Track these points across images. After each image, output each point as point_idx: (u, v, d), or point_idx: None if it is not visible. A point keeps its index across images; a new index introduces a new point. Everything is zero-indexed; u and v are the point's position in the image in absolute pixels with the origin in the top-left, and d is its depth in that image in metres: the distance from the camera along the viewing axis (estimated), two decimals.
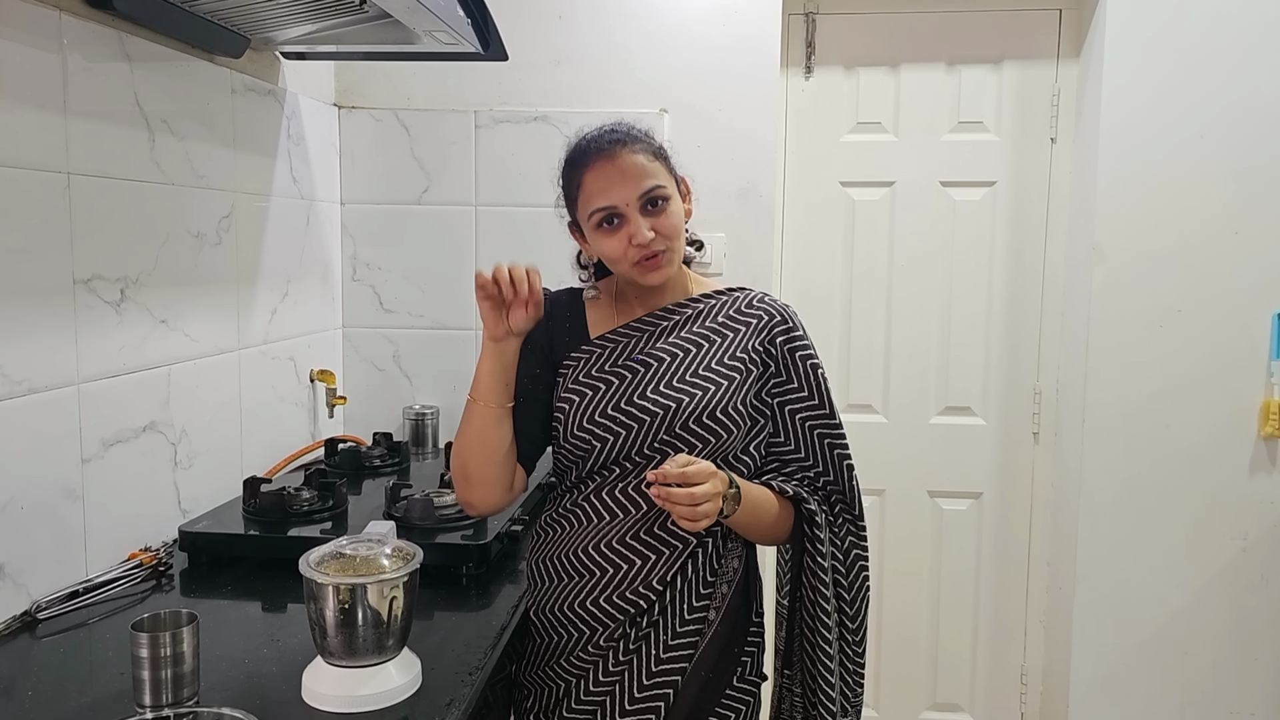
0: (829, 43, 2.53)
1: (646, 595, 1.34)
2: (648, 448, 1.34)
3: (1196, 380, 2.34)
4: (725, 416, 1.34)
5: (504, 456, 1.39)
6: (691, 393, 1.35)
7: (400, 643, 1.17)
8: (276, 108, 2.08)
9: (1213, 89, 2.26)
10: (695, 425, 1.34)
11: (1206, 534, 2.38)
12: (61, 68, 1.42)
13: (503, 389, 1.36)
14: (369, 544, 1.19)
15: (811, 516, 1.37)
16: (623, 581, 1.34)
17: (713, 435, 1.34)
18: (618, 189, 1.32)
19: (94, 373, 1.51)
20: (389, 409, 2.46)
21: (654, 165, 1.34)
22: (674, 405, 1.34)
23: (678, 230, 1.35)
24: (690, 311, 1.42)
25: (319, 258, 2.32)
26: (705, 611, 1.35)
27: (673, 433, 1.34)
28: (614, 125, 1.39)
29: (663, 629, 1.35)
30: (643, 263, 1.34)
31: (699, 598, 1.35)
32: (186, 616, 1.11)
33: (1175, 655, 2.42)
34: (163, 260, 1.67)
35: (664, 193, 1.33)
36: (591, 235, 1.37)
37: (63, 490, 1.46)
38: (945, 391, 2.60)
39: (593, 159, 1.35)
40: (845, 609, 1.41)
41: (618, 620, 1.35)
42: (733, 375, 1.36)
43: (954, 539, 2.65)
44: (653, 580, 1.34)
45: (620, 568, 1.35)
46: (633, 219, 1.32)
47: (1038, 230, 2.53)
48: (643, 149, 1.35)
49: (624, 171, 1.32)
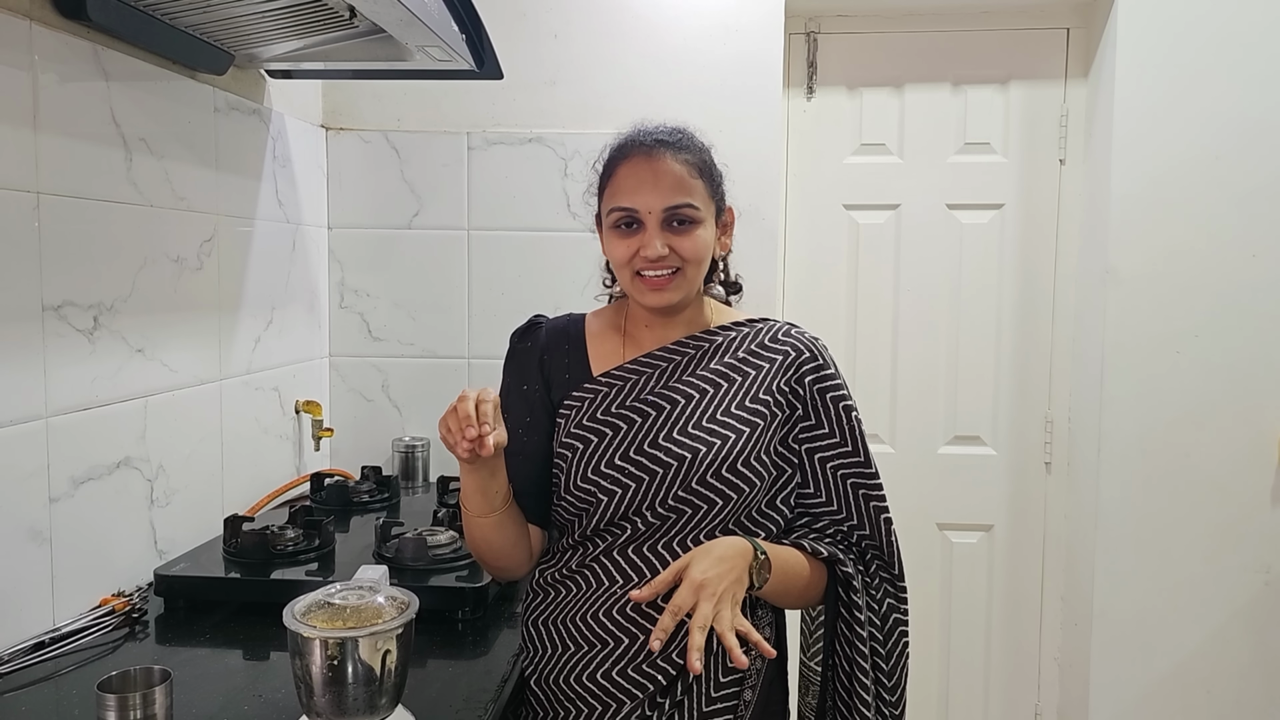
0: (831, 63, 2.47)
1: (666, 670, 1.20)
2: (660, 505, 1.22)
3: (1215, 407, 2.27)
4: (747, 469, 1.22)
5: (514, 545, 1.30)
6: (710, 441, 1.22)
7: (394, 700, 1.06)
8: (261, 128, 2.00)
9: (1227, 108, 2.21)
10: (714, 479, 1.21)
11: (1228, 568, 2.30)
12: (32, 81, 1.33)
13: (493, 497, 1.24)
14: (359, 592, 1.09)
15: (848, 580, 1.24)
16: (637, 655, 1.21)
17: (734, 490, 1.22)
18: (645, 192, 1.22)
19: (64, 405, 1.41)
20: (378, 441, 2.37)
21: (694, 182, 1.24)
22: (689, 456, 1.22)
23: (697, 256, 1.24)
24: (707, 345, 1.30)
25: (305, 284, 2.23)
26: (739, 688, 1.22)
27: (688, 488, 1.21)
28: (672, 126, 1.29)
29: (687, 709, 1.21)
30: (645, 279, 1.24)
31: (726, 672, 1.22)
32: (159, 675, 1.01)
33: (1198, 694, 2.33)
34: (140, 286, 1.58)
35: (693, 214, 1.23)
36: (606, 232, 1.27)
37: (29, 532, 1.35)
38: (954, 420, 2.52)
39: (631, 152, 1.25)
40: (883, 679, 1.27)
41: (632, 698, 1.21)
42: (755, 421, 1.24)
43: (964, 574, 2.56)
44: (672, 654, 1.20)
45: (637, 638, 1.21)
46: (650, 229, 1.22)
47: (1048, 254, 2.47)
48: (689, 160, 1.24)
49: (658, 177, 1.22)
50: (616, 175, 1.25)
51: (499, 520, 1.26)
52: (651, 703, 1.22)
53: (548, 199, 2.30)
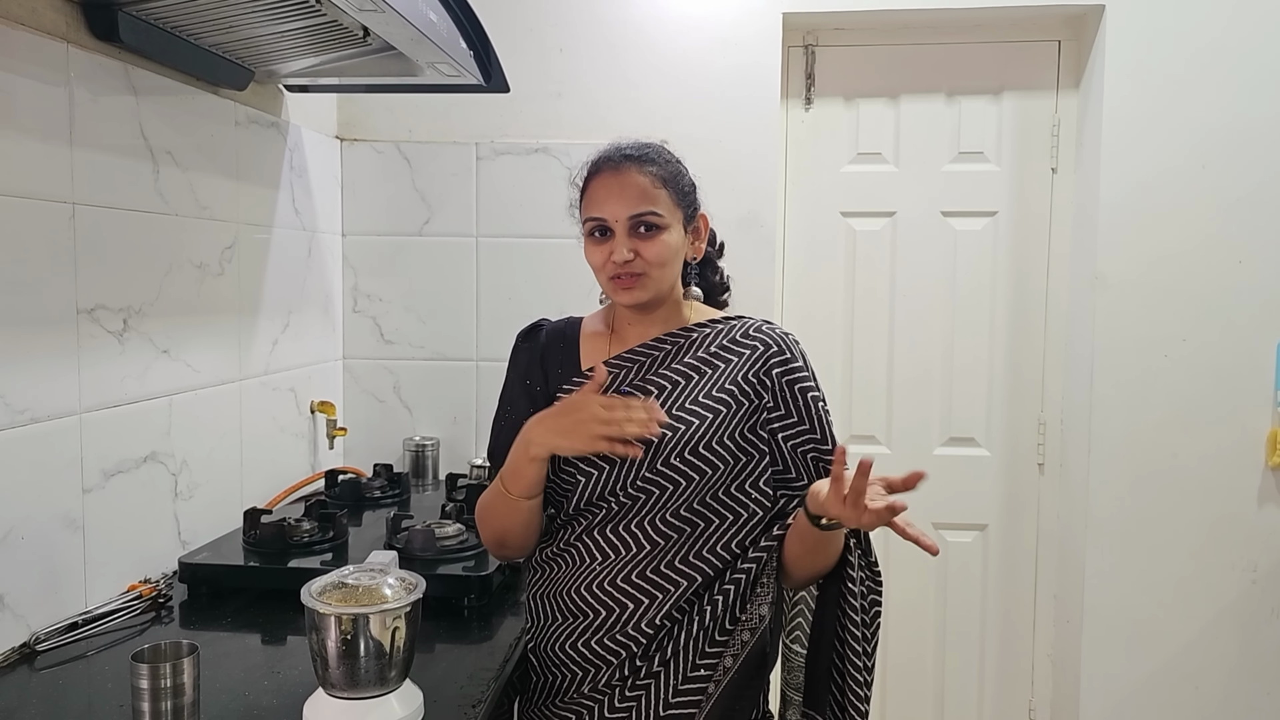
0: (828, 74, 2.55)
1: (636, 638, 1.30)
2: (631, 485, 1.32)
3: (1203, 410, 2.33)
4: (709, 451, 1.31)
5: (536, 525, 1.39)
6: (675, 427, 1.32)
7: (402, 674, 1.15)
8: (279, 140, 2.09)
9: (1213, 117, 2.27)
10: (677, 461, 1.31)
11: (1216, 566, 2.36)
12: (68, 99, 1.43)
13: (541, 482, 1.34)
14: (371, 574, 1.17)
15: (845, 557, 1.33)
16: (615, 624, 1.31)
17: (696, 472, 1.31)
18: (612, 204, 1.32)
19: (96, 402, 1.50)
20: (389, 440, 2.45)
21: (657, 192, 1.33)
22: (657, 439, 1.31)
23: (662, 259, 1.34)
24: (683, 341, 1.40)
25: (320, 289, 2.33)
26: (719, 658, 1.30)
27: (654, 469, 1.31)
28: (640, 143, 1.38)
29: (672, 672, 1.30)
30: (617, 279, 1.34)
31: (714, 644, 1.30)
32: (187, 647, 1.09)
33: (1186, 690, 2.39)
34: (165, 290, 1.67)
35: (656, 220, 1.32)
36: (584, 240, 1.38)
37: (64, 520, 1.44)
38: (949, 422, 2.59)
39: (602, 168, 1.36)
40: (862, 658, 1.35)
41: (611, 663, 1.31)
42: (719, 409, 1.33)
43: (959, 572, 2.62)
44: (642, 624, 1.30)
45: (613, 610, 1.31)
46: (618, 235, 1.32)
47: (1040, 260, 2.53)
48: (653, 172, 1.34)
49: (624, 188, 1.32)
50: (589, 188, 1.37)
51: (536, 502, 1.36)
52: (630, 665, 1.31)
53: (553, 207, 2.36)
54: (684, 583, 1.30)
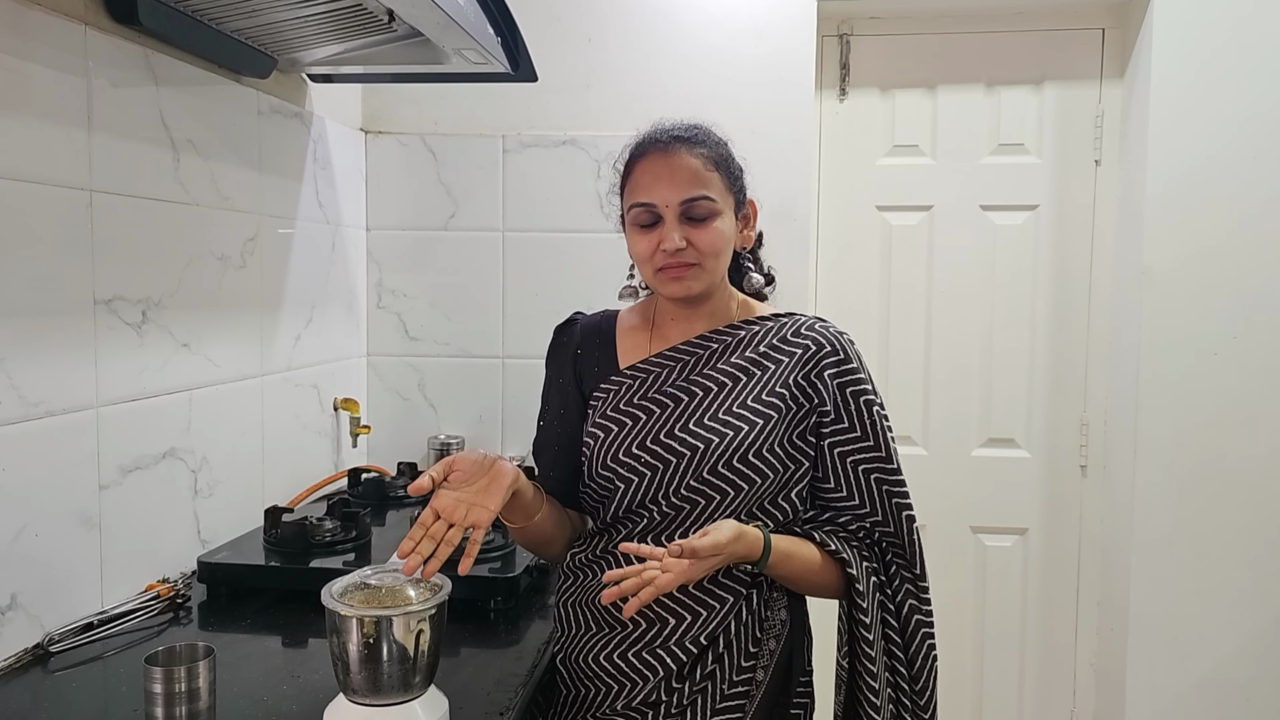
0: (864, 64, 2.48)
1: (678, 654, 1.23)
2: (674, 494, 1.24)
3: (1253, 409, 2.24)
4: (759, 460, 1.23)
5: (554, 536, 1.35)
6: (723, 432, 1.24)
7: (427, 680, 1.09)
8: (303, 131, 2.05)
9: (1263, 107, 2.19)
10: (725, 469, 1.23)
11: (1267, 571, 2.26)
12: (86, 83, 1.39)
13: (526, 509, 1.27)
14: (394, 575, 1.12)
15: (852, 581, 1.24)
16: (655, 638, 1.24)
17: (745, 481, 1.23)
18: (662, 188, 1.24)
19: (114, 396, 1.46)
20: (413, 439, 2.41)
21: (710, 175, 1.25)
22: (702, 446, 1.23)
23: (715, 249, 1.25)
24: (730, 339, 1.32)
25: (344, 284, 2.28)
26: (753, 672, 1.23)
27: (700, 477, 1.23)
28: (688, 123, 1.30)
29: (710, 694, 1.23)
30: (666, 270, 1.25)
31: (747, 657, 1.24)
32: (203, 650, 1.04)
33: (1236, 701, 2.29)
34: (186, 282, 1.63)
35: (710, 207, 1.24)
36: (628, 229, 1.30)
37: (79, 518, 1.40)
38: (988, 423, 2.51)
39: (648, 150, 1.27)
40: (904, 684, 1.26)
41: (648, 679, 1.24)
42: (769, 414, 1.25)
43: (998, 577, 2.54)
44: (686, 641, 1.23)
45: (653, 624, 1.24)
46: (669, 222, 1.24)
47: (1083, 254, 2.45)
48: (704, 154, 1.26)
49: (674, 172, 1.24)
50: (635, 173, 1.28)
51: (538, 524, 1.30)
52: (668, 687, 1.24)
53: (581, 201, 2.33)
54: (729, 598, 1.24)
